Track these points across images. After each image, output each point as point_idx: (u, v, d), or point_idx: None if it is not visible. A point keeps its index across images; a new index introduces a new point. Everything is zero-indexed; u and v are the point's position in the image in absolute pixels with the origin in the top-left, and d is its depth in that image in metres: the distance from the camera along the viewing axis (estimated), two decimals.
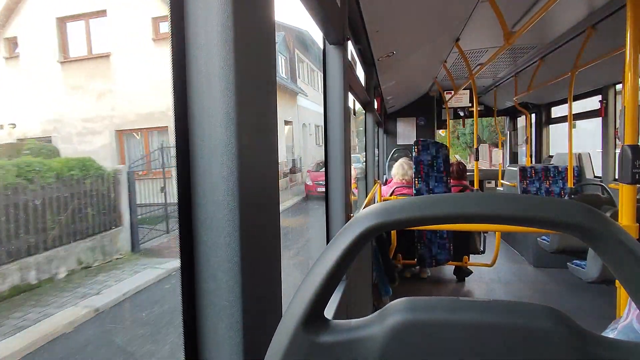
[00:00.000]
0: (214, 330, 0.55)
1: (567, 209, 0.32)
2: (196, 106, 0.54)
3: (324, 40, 1.53)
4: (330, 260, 0.36)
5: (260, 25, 0.60)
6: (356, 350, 0.35)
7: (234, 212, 0.53)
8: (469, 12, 2.52)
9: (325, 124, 1.55)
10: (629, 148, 1.62)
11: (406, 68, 3.83)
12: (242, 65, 0.53)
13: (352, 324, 0.37)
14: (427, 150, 3.42)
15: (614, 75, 3.59)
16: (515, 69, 4.34)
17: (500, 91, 5.52)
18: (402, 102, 6.04)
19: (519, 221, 0.33)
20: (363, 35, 2.38)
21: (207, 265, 0.55)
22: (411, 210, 0.35)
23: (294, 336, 0.36)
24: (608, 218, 0.33)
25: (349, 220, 0.38)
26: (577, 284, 3.39)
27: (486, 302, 0.34)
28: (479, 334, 0.33)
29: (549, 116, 5.75)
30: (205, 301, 0.55)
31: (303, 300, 0.36)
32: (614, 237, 0.32)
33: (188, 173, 0.55)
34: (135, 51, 7.10)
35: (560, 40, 3.13)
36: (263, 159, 0.61)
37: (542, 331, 0.32)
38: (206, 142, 0.53)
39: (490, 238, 3.92)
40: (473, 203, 0.34)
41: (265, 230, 0.62)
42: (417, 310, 0.35)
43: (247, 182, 0.55)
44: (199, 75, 0.53)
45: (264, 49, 0.61)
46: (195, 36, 0.53)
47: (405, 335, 0.34)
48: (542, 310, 0.33)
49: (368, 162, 4.08)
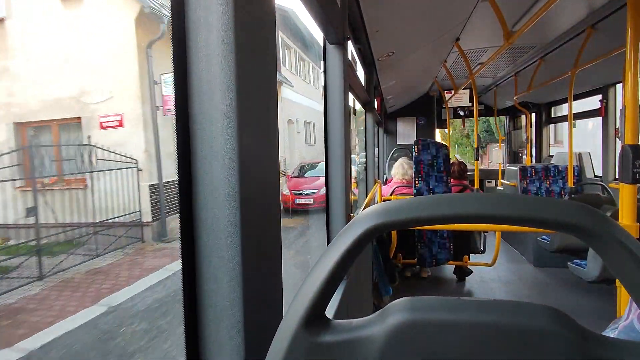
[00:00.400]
0: (215, 331, 0.55)
1: (567, 209, 0.32)
2: (197, 106, 0.54)
3: (324, 40, 1.53)
4: (331, 260, 0.36)
5: (260, 24, 0.60)
6: (357, 350, 0.35)
7: (235, 212, 0.53)
8: (468, 12, 2.52)
9: (325, 123, 1.55)
10: (629, 148, 1.62)
11: (406, 68, 3.83)
12: (243, 65, 0.53)
13: (353, 324, 0.37)
14: (427, 149, 3.41)
15: (614, 74, 3.59)
16: (515, 69, 4.34)
17: (500, 91, 5.52)
18: (402, 101, 6.04)
19: (521, 222, 0.33)
20: (363, 35, 2.38)
21: (208, 266, 0.55)
22: (413, 211, 0.35)
23: (295, 336, 0.36)
24: (608, 218, 0.33)
25: (351, 220, 0.38)
26: (578, 283, 3.39)
27: (487, 301, 0.34)
28: (480, 333, 0.33)
29: (549, 116, 5.75)
30: (206, 302, 0.55)
31: (304, 300, 0.37)
32: (614, 237, 0.32)
33: (189, 173, 0.55)
34: (40, 14, 5.33)
35: (560, 40, 3.13)
36: (264, 159, 0.61)
37: (544, 331, 0.32)
38: (207, 142, 0.53)
39: (490, 238, 3.92)
40: (475, 204, 0.34)
41: (266, 231, 0.62)
42: (418, 310, 0.35)
43: (248, 182, 0.55)
44: (199, 75, 0.53)
45: (265, 48, 0.61)
46: (196, 36, 0.53)
47: (406, 335, 0.34)
48: (544, 310, 0.33)
49: (368, 161, 4.08)
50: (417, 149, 3.41)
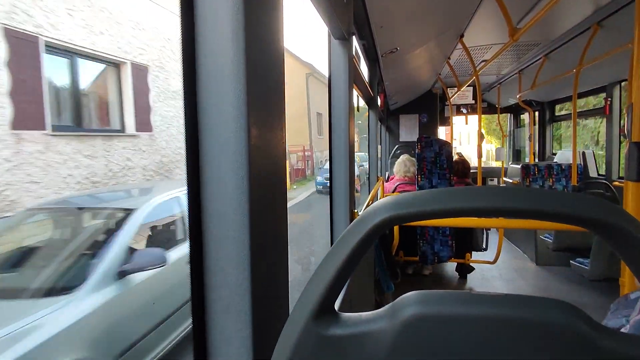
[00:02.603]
0: (223, 324, 0.55)
1: (583, 203, 0.32)
2: (206, 101, 0.54)
3: (329, 35, 1.52)
4: (343, 253, 0.36)
5: (269, 22, 0.60)
6: (367, 343, 0.35)
7: (243, 206, 0.53)
8: (473, 8, 2.51)
9: (330, 118, 1.55)
10: (635, 145, 1.61)
11: (410, 64, 3.81)
12: (251, 62, 0.53)
13: (363, 317, 0.37)
14: (430, 147, 3.40)
15: (619, 72, 3.56)
16: (519, 66, 4.31)
17: (504, 88, 5.49)
18: (405, 98, 6.02)
19: (539, 216, 0.33)
20: (367, 31, 2.37)
21: (216, 259, 0.55)
22: (427, 203, 0.35)
23: (305, 329, 0.36)
24: (624, 211, 0.32)
25: (362, 212, 0.38)
26: (580, 281, 3.39)
27: (499, 295, 0.34)
28: (492, 327, 0.33)
29: (553, 114, 5.72)
30: (214, 295, 0.55)
31: (314, 292, 0.36)
32: (630, 230, 0.31)
33: (198, 167, 0.55)
34: None
35: (565, 37, 3.10)
36: (271, 153, 0.61)
37: (557, 325, 0.32)
38: (216, 136, 0.53)
39: (492, 235, 3.92)
40: (486, 196, 0.34)
41: (273, 225, 0.62)
42: (429, 303, 0.34)
43: (256, 176, 0.55)
44: (208, 72, 0.53)
45: (273, 46, 0.61)
46: (204, 36, 0.53)
47: (417, 329, 0.34)
48: (557, 305, 0.33)
49: (371, 158, 4.08)
50: (420, 146, 3.40)
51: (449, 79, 5.22)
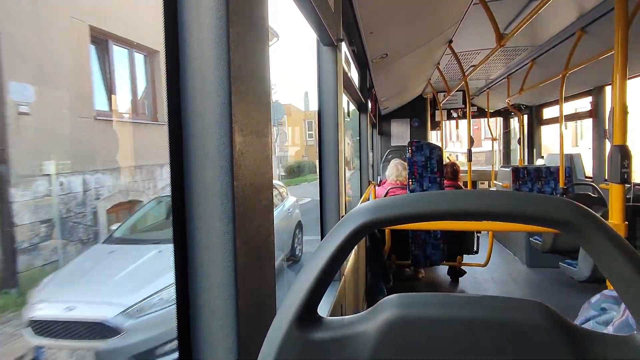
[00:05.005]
0: (208, 329, 0.55)
1: (553, 205, 0.33)
2: (190, 105, 0.54)
3: (318, 42, 1.53)
4: (323, 257, 0.36)
5: (254, 24, 0.60)
6: (349, 346, 0.35)
7: (227, 211, 0.53)
8: (461, 15, 2.55)
9: (319, 125, 1.55)
10: (617, 148, 1.64)
11: (400, 70, 3.85)
12: (236, 65, 0.53)
13: (345, 321, 0.37)
14: (421, 151, 3.43)
15: (604, 76, 3.64)
16: (508, 71, 4.38)
17: (493, 93, 5.57)
18: (396, 103, 6.07)
19: (508, 217, 0.34)
20: (357, 37, 2.39)
21: (201, 264, 0.55)
22: (403, 207, 0.35)
23: (288, 333, 0.36)
24: (593, 213, 0.33)
25: (342, 218, 0.38)
26: (569, 283, 3.42)
27: (477, 297, 0.35)
28: (470, 329, 0.33)
29: (541, 117, 5.81)
30: (199, 300, 0.55)
31: (296, 297, 0.37)
32: (601, 233, 0.32)
33: (181, 172, 0.55)
34: None
35: (551, 43, 3.17)
36: (257, 158, 0.61)
37: (531, 326, 0.32)
38: (199, 141, 0.54)
39: (483, 238, 3.95)
40: (464, 199, 0.35)
41: (258, 229, 0.62)
42: (409, 306, 0.35)
43: (241, 182, 0.55)
44: (192, 75, 0.53)
45: (258, 49, 0.62)
46: (188, 35, 0.53)
47: (397, 331, 0.34)
48: (531, 305, 0.33)
49: (362, 163, 4.10)
50: (411, 150, 3.43)
51: (439, 83, 5.28)
